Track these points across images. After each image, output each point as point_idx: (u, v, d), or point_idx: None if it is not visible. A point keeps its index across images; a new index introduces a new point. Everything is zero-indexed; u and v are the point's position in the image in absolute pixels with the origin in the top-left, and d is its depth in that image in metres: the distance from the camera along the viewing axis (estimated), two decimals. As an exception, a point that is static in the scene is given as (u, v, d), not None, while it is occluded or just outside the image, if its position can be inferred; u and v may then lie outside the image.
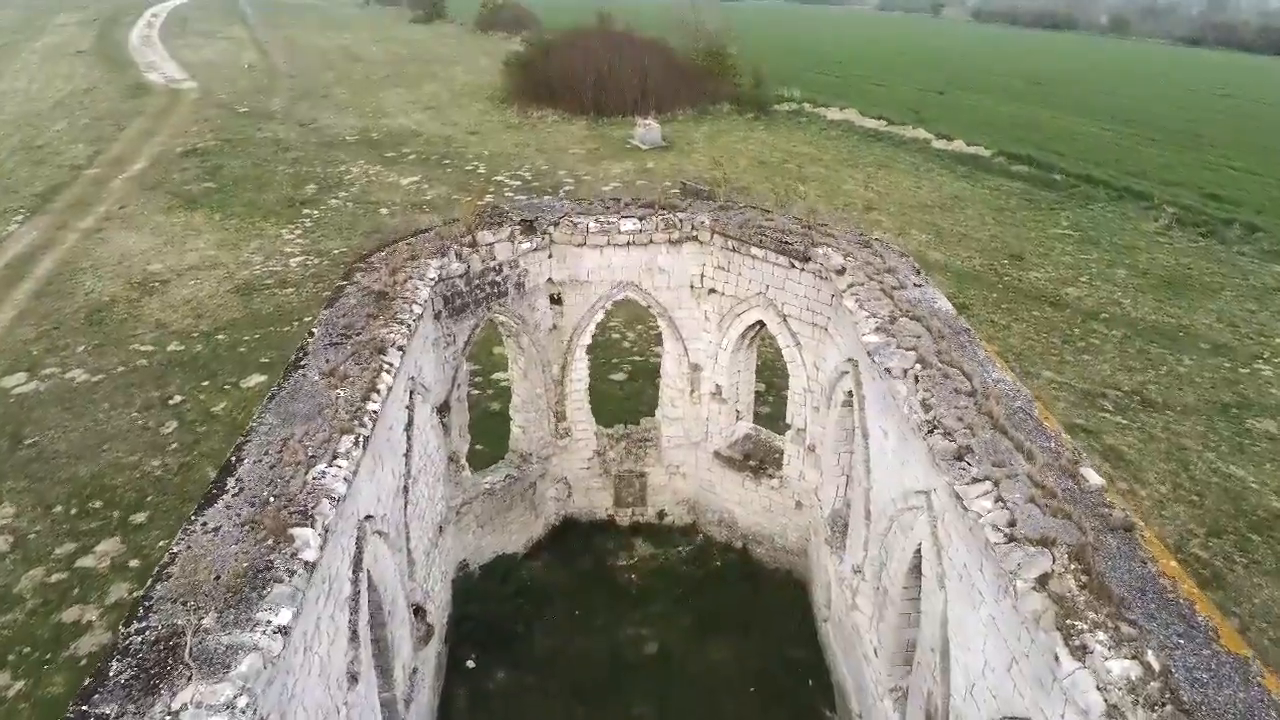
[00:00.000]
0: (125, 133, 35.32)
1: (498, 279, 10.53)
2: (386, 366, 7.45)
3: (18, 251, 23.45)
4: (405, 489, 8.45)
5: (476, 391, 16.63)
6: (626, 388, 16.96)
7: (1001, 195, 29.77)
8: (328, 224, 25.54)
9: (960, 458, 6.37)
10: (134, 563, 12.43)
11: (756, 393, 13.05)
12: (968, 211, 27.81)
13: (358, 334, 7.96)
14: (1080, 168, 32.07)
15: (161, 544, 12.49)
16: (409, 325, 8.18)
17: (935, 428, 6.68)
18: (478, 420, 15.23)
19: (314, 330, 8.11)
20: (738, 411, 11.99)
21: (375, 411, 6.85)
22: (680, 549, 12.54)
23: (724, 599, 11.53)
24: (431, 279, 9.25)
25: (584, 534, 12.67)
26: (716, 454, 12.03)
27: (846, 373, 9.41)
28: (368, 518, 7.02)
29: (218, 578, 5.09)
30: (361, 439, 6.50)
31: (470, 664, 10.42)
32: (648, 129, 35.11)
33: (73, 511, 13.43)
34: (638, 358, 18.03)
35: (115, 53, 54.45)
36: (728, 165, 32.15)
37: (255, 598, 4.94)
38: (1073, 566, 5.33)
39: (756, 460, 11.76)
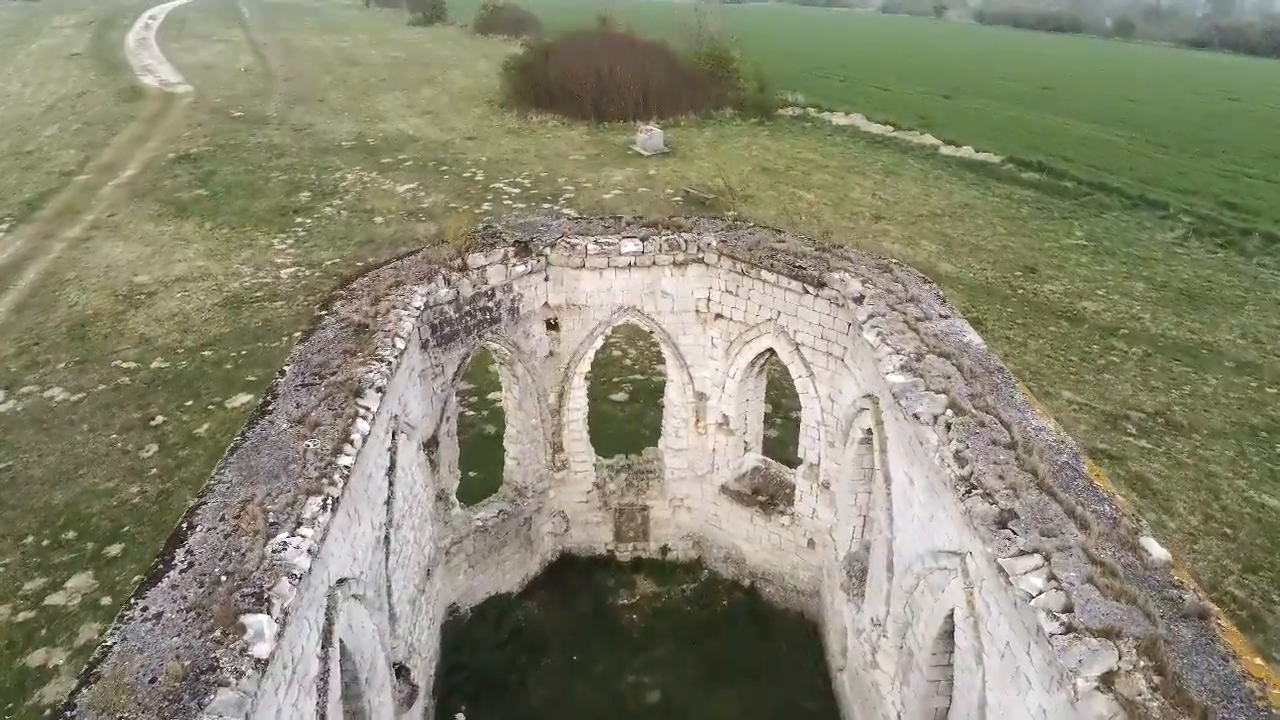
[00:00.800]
0: (117, 138, 34.65)
1: (490, 304, 9.84)
2: (363, 412, 6.75)
3: (1, 262, 22.78)
4: (386, 539, 7.75)
5: (471, 413, 15.94)
6: (627, 409, 16.26)
7: (1013, 204, 29.03)
8: (320, 233, 24.85)
9: (1004, 524, 5.66)
10: (105, 600, 11.74)
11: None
12: (978, 221, 27.07)
13: (333, 373, 7.26)
14: (1092, 175, 31.32)
15: (136, 579, 11.80)
16: (390, 362, 7.48)
17: (974, 487, 5.97)
18: (472, 444, 14.55)
19: (285, 368, 7.42)
20: (746, 443, 11.28)
21: (348, 467, 6.15)
22: (685, 587, 11.83)
23: (731, 643, 10.83)
24: (417, 307, 8.56)
25: (583, 570, 11.96)
26: (723, 488, 11.32)
27: (865, 409, 8.71)
28: (340, 582, 6.32)
29: (153, 680, 4.39)
30: (330, 500, 5.79)
31: (460, 717, 9.71)
32: (649, 135, 34.40)
33: (44, 543, 12.75)
34: (639, 376, 17.32)
35: (110, 55, 53.80)
36: (731, 172, 31.45)
37: (195, 707, 4.24)
38: (1142, 664, 4.62)
39: (766, 495, 11.05)
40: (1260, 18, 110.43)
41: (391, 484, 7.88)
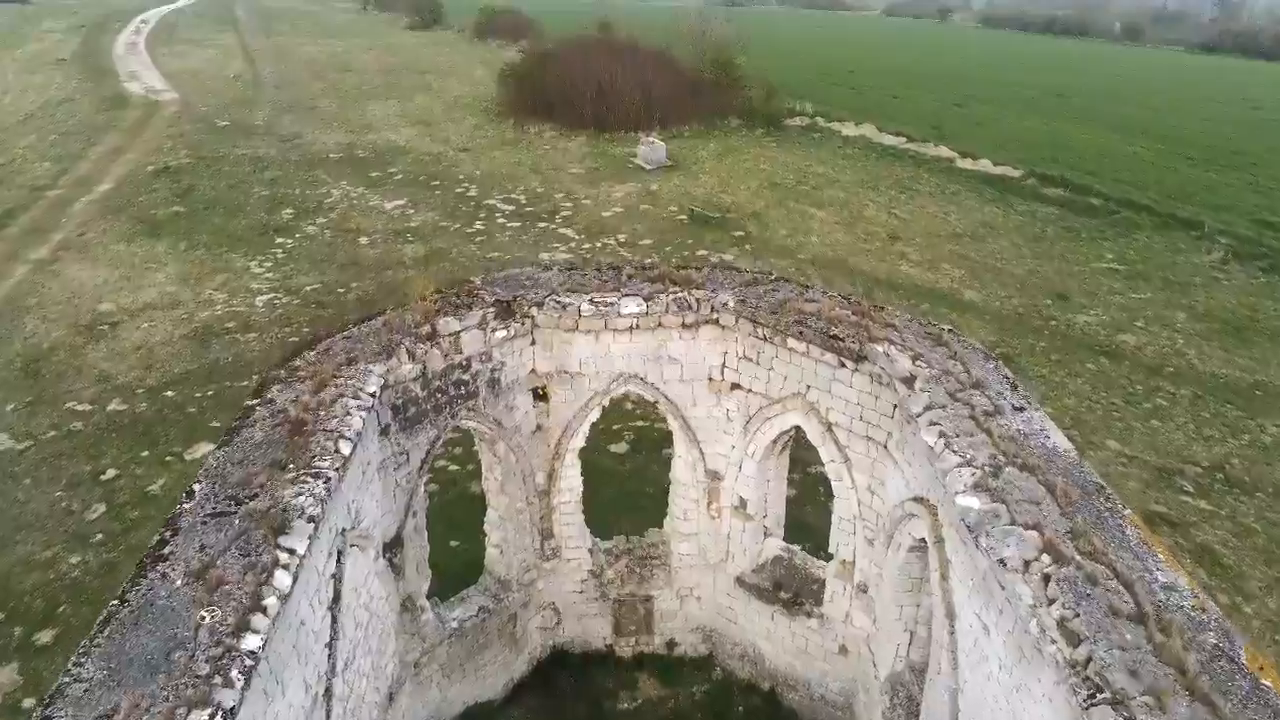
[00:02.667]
0: (95, 149, 33.12)
1: (465, 377, 8.29)
2: (284, 559, 5.20)
3: (-42, 288, 21.26)
4: (328, 692, 6.20)
5: (454, 468, 14.39)
6: (629, 461, 14.72)
7: (1037, 222, 27.37)
8: (301, 255, 23.31)
9: (1148, 754, 4.10)
10: (28, 702, 10.23)
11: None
12: (1001, 242, 25.45)
13: (253, 496, 5.70)
14: (1118, 190, 29.70)
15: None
16: (328, 480, 5.92)
17: (1098, 688, 4.40)
18: (454, 505, 13.00)
19: (195, 486, 5.86)
20: (766, 528, 9.72)
21: (254, 653, 4.59)
22: (694, 689, 10.27)
23: (749, 764, 9.29)
24: (371, 394, 7.00)
25: (577, 669, 10.41)
26: (739, 580, 9.76)
27: (915, 515, 7.16)
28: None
29: None
30: (222, 714, 4.23)
31: None
32: (652, 147, 32.81)
33: (-33, 628, 11.24)
34: (642, 423, 15.75)
35: (97, 61, 52.28)
36: (738, 188, 29.88)
37: None
38: None
39: (790, 592, 9.48)
40: (1269, 21, 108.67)
41: (335, 619, 6.33)
